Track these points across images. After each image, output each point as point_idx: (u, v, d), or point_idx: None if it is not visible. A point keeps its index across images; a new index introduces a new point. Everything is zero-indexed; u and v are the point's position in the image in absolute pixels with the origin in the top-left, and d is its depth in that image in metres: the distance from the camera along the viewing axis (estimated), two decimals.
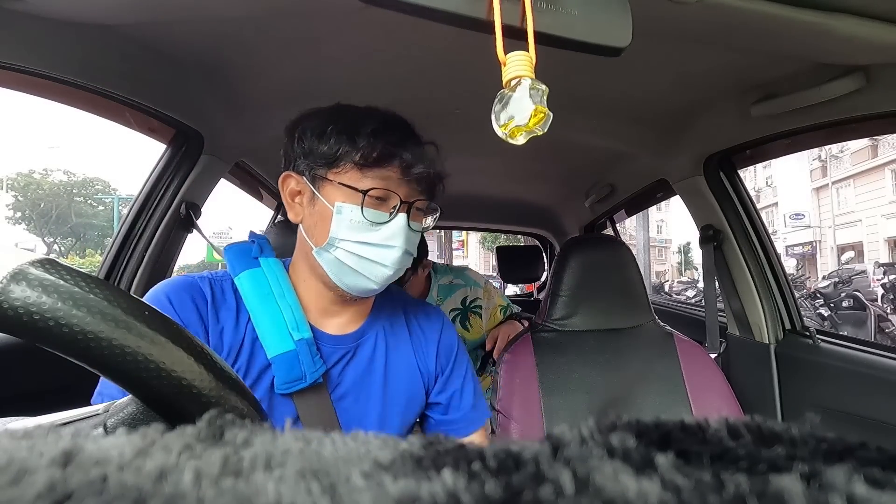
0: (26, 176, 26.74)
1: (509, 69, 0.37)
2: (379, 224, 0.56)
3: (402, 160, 0.56)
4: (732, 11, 0.55)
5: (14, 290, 0.23)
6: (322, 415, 0.58)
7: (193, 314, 0.55)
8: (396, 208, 0.57)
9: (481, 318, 1.34)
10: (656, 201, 1.59)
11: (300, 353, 0.56)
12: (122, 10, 0.66)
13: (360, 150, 0.55)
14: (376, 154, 0.55)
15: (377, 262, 0.57)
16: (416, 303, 0.76)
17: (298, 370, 0.56)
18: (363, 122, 0.56)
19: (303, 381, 0.56)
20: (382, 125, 0.57)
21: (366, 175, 0.56)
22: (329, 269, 0.58)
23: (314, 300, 0.62)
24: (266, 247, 0.64)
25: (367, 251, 0.56)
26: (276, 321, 0.57)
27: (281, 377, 0.56)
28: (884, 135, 1.04)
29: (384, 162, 0.55)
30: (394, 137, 0.56)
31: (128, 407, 0.29)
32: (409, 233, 0.58)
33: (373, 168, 0.55)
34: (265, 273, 0.60)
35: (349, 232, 0.56)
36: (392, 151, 0.56)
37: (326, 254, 0.58)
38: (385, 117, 0.59)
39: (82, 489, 0.09)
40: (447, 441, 0.12)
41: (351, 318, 0.65)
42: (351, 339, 0.64)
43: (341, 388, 0.62)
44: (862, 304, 5.36)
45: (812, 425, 0.13)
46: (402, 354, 0.68)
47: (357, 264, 0.57)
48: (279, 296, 0.59)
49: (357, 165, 0.55)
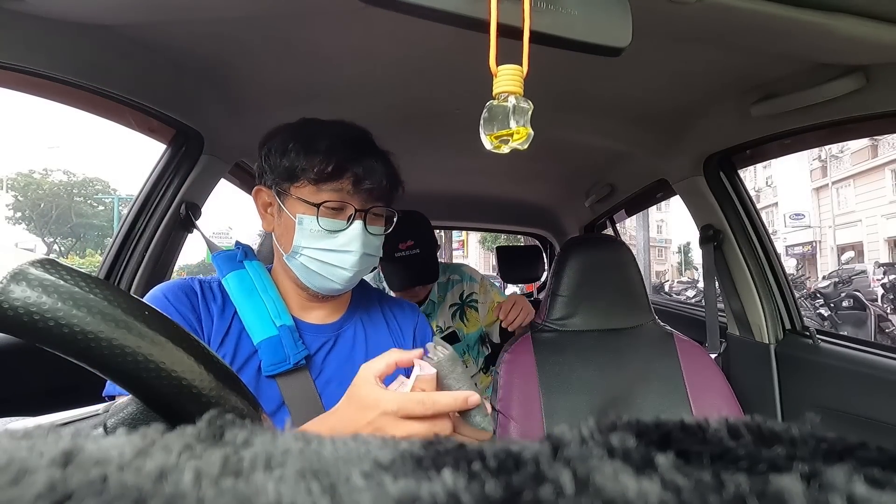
0: (26, 176, 26.75)
1: (499, 82, 0.38)
2: (336, 232, 0.62)
3: (354, 174, 0.62)
4: (732, 11, 0.55)
5: (14, 290, 0.23)
6: (306, 397, 0.63)
7: (187, 306, 0.62)
8: (352, 217, 0.63)
9: (478, 312, 1.36)
10: (656, 201, 1.59)
11: (283, 337, 0.63)
12: (122, 10, 0.66)
13: (316, 167, 0.61)
14: (329, 170, 0.61)
15: (338, 266, 0.63)
16: (391, 298, 0.83)
17: (282, 352, 0.62)
18: (319, 139, 0.62)
19: (287, 362, 0.62)
20: (338, 141, 0.62)
21: (321, 189, 0.61)
22: (298, 272, 0.65)
23: (293, 297, 0.69)
24: (250, 252, 0.71)
25: (328, 256, 0.63)
26: (260, 311, 0.64)
27: (267, 360, 0.61)
28: (884, 135, 1.05)
29: (337, 176, 0.61)
30: (347, 153, 0.62)
31: (128, 407, 0.29)
32: (367, 237, 0.64)
33: (327, 182, 0.61)
34: (249, 273, 0.67)
35: (310, 240, 0.62)
36: (344, 166, 0.61)
37: (294, 259, 0.64)
38: (342, 132, 0.64)
39: (82, 489, 0.09)
40: (447, 441, 0.12)
41: (330, 312, 0.72)
42: (331, 328, 0.70)
43: (325, 374, 0.66)
44: (862, 304, 5.36)
45: (812, 425, 0.13)
46: (381, 342, 0.73)
47: (320, 268, 0.63)
48: (262, 290, 0.66)
49: (312, 181, 0.61)
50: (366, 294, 0.78)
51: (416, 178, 1.66)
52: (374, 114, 1.04)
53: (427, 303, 1.32)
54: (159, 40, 0.75)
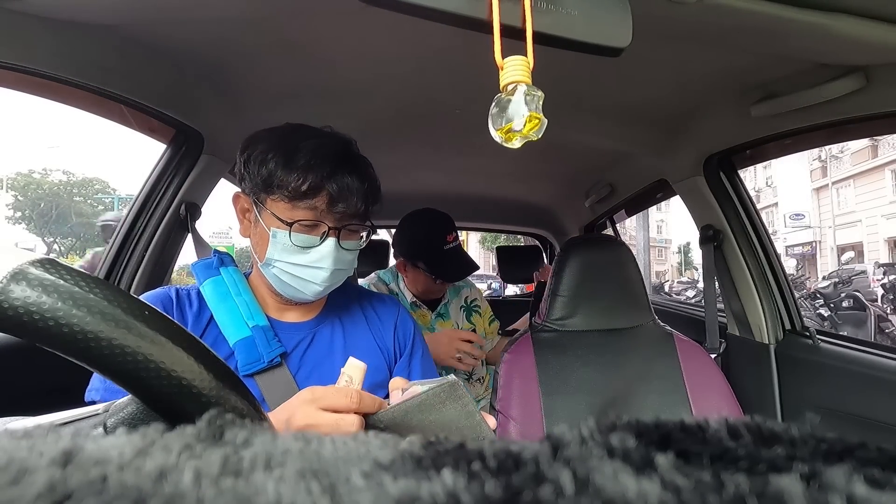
0: (26, 176, 26.73)
1: (506, 73, 0.37)
2: (308, 248, 0.63)
3: (329, 194, 0.62)
4: (732, 12, 0.55)
5: (14, 289, 0.23)
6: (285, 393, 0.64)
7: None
8: (325, 234, 0.64)
9: (481, 317, 1.42)
10: (656, 201, 1.59)
11: (256, 337, 0.64)
12: (122, 10, 0.66)
13: (292, 183, 0.61)
14: (304, 188, 0.61)
15: (308, 281, 0.65)
16: (370, 294, 0.84)
17: (256, 352, 0.63)
18: (298, 154, 0.62)
19: (261, 361, 0.63)
20: (317, 156, 0.62)
21: (296, 206, 0.62)
22: (272, 281, 0.67)
23: (270, 299, 0.71)
24: (227, 259, 0.73)
25: (299, 271, 0.64)
26: (234, 314, 0.66)
27: (242, 360, 0.63)
28: (884, 135, 1.05)
29: (312, 195, 0.62)
30: (325, 170, 0.62)
31: (128, 407, 0.29)
32: (340, 253, 0.65)
33: (302, 200, 0.62)
34: (225, 279, 0.69)
35: (283, 254, 0.64)
36: (320, 185, 0.62)
37: (268, 269, 0.66)
38: (323, 145, 0.64)
39: (82, 489, 0.09)
40: (447, 441, 0.12)
41: (306, 311, 0.73)
42: (307, 326, 0.72)
43: (305, 370, 0.68)
44: (862, 305, 5.35)
45: (812, 425, 0.13)
46: (359, 336, 0.74)
47: (292, 281, 0.65)
48: (236, 294, 0.68)
49: (287, 198, 0.62)
50: (344, 292, 0.79)
51: (415, 178, 1.67)
52: (373, 114, 1.04)
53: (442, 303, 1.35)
54: (159, 40, 0.75)
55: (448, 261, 1.20)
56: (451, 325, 1.33)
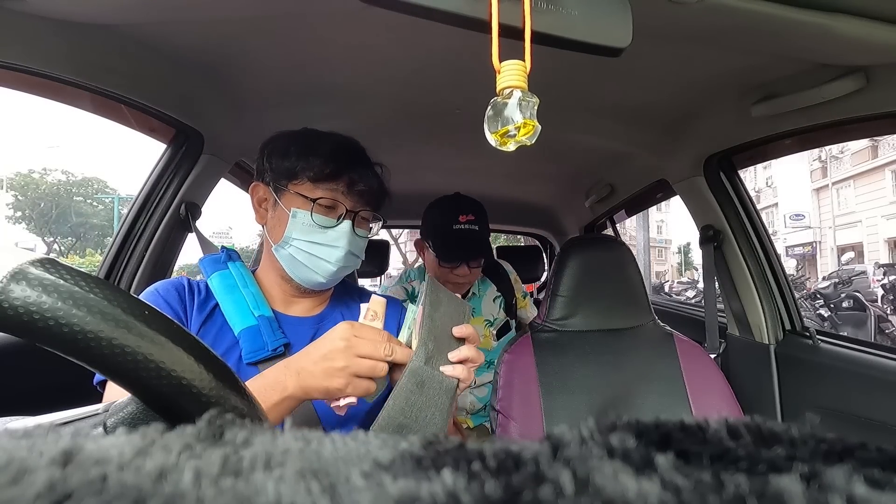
0: (26, 176, 26.71)
1: (503, 78, 0.37)
2: (326, 227, 0.67)
3: (349, 177, 0.67)
4: (732, 12, 0.55)
5: (14, 289, 0.23)
6: None
7: (175, 298, 0.67)
8: (342, 216, 0.68)
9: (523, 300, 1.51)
10: (656, 201, 1.59)
11: (261, 326, 0.67)
12: (122, 10, 0.66)
13: (316, 167, 0.66)
14: (328, 171, 0.66)
15: (323, 259, 0.68)
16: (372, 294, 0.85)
17: (261, 340, 0.66)
18: (319, 145, 0.68)
19: (265, 349, 0.66)
20: (336, 147, 0.68)
21: (318, 187, 0.67)
22: (284, 263, 0.70)
23: (276, 291, 0.74)
24: (234, 255, 0.76)
25: (316, 249, 0.67)
26: (240, 304, 0.68)
27: (246, 347, 0.65)
28: (884, 135, 1.05)
29: (333, 177, 0.67)
30: (343, 158, 0.68)
31: (128, 407, 0.29)
32: (354, 237, 0.69)
33: (324, 182, 0.67)
34: (232, 272, 0.72)
35: (301, 233, 0.67)
36: (341, 169, 0.67)
37: (282, 250, 0.69)
38: (339, 141, 0.71)
39: (82, 489, 0.09)
40: (447, 441, 0.12)
41: (311, 306, 0.76)
42: (312, 321, 0.74)
43: None
44: (862, 305, 5.35)
45: (812, 425, 0.13)
46: None
47: (307, 260, 0.68)
48: (243, 286, 0.71)
49: (311, 179, 0.66)
50: (347, 291, 0.83)
51: (416, 177, 1.67)
52: (373, 114, 1.04)
53: (470, 296, 1.34)
54: (159, 40, 0.75)
55: (453, 240, 1.18)
56: (481, 322, 1.33)
